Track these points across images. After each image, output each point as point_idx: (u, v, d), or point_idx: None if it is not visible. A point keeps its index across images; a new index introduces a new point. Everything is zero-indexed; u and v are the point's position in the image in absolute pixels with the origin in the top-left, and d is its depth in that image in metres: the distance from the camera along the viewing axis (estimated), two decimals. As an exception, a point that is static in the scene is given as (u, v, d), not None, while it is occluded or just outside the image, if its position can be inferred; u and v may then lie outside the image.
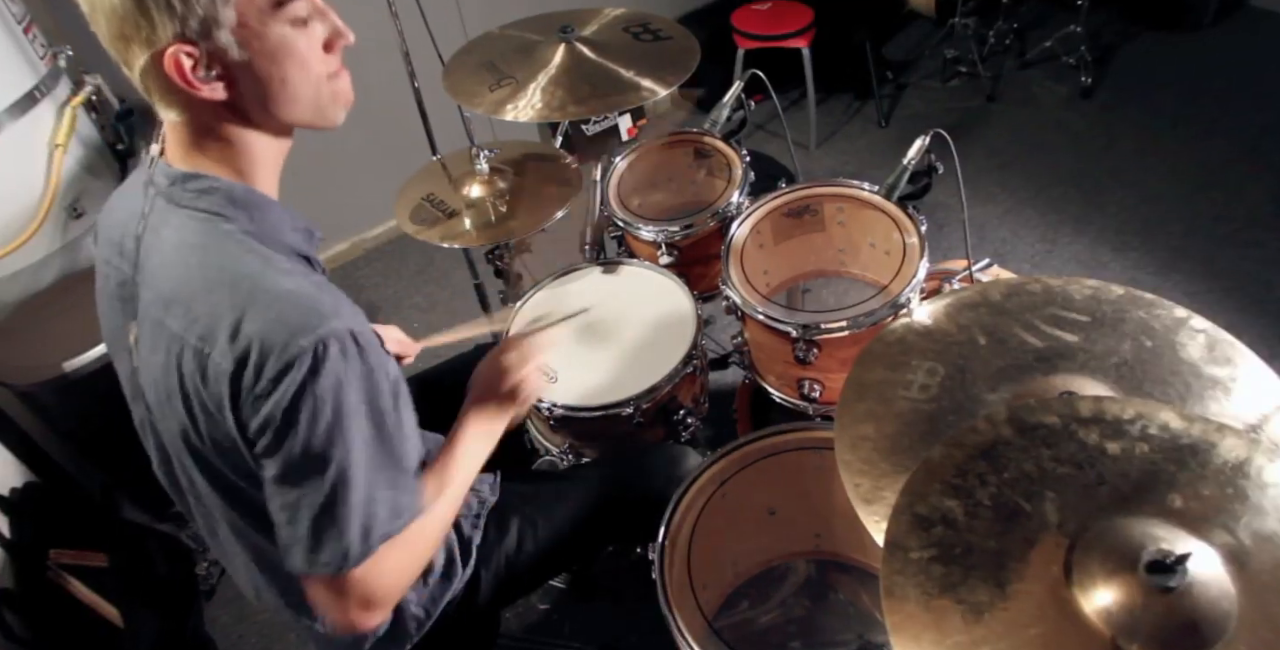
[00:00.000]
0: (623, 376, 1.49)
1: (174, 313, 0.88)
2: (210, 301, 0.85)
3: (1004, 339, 1.15)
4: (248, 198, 0.91)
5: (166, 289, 0.89)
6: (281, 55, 0.88)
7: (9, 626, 1.54)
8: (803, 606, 1.48)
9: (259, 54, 0.86)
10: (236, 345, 0.83)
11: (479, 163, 1.78)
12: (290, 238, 0.95)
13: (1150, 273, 2.55)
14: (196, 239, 0.89)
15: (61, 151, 1.77)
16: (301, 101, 0.91)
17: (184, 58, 0.82)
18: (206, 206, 0.90)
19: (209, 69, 0.85)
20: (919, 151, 1.41)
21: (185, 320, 0.86)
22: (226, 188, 0.90)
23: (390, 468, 0.92)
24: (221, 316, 0.84)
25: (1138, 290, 1.16)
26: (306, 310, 0.84)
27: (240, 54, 0.85)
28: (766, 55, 3.01)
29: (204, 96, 0.85)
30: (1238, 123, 3.00)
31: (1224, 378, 1.06)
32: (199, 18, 0.82)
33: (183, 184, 0.90)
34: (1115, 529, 0.79)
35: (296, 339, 0.82)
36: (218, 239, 0.89)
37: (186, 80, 0.84)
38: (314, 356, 0.82)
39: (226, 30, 0.83)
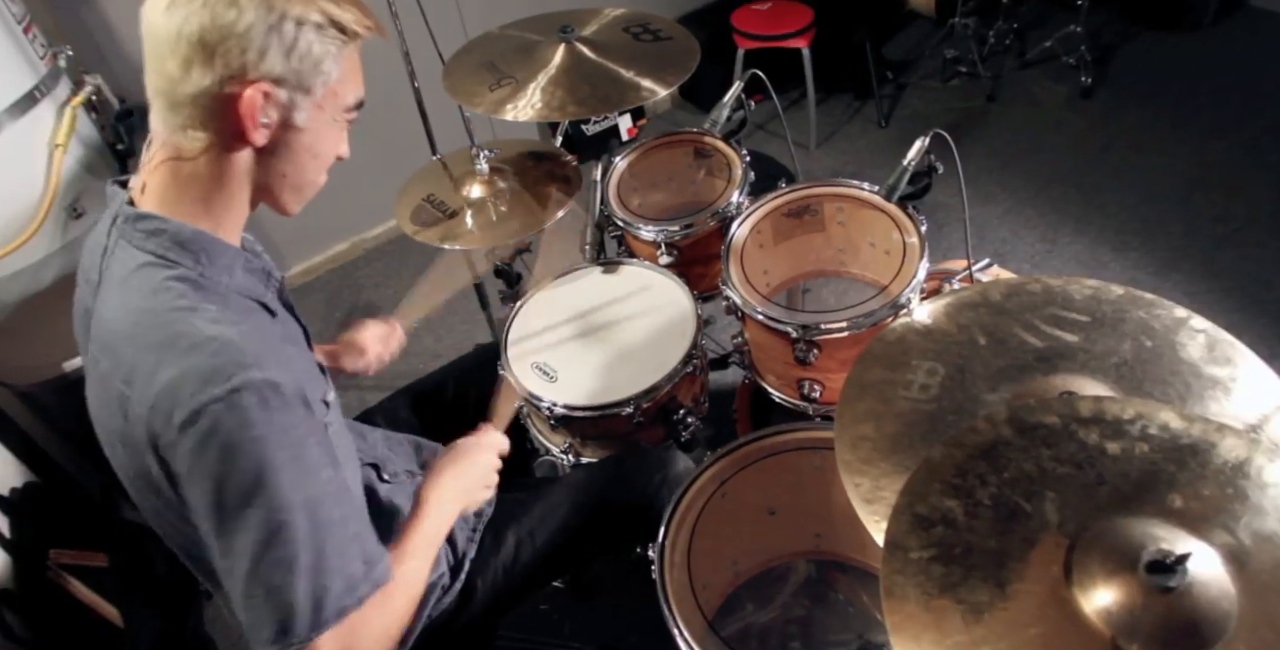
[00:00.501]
0: (623, 376, 1.49)
1: (107, 354, 0.88)
2: (134, 346, 0.84)
3: (1004, 339, 1.15)
4: (196, 241, 0.90)
5: (104, 330, 0.89)
6: (322, 143, 0.95)
7: (9, 626, 1.54)
8: (803, 606, 1.48)
9: (311, 131, 0.92)
10: (149, 391, 0.81)
11: (479, 163, 1.78)
12: (242, 281, 0.93)
13: (1150, 273, 2.55)
14: (135, 283, 0.88)
15: (61, 151, 1.77)
16: (300, 183, 0.97)
17: (262, 97, 0.85)
18: (153, 248, 0.89)
19: (268, 117, 0.87)
20: (919, 151, 1.41)
21: (113, 363, 0.86)
22: (175, 230, 0.89)
23: (335, 535, 0.85)
24: (141, 362, 0.83)
25: (1138, 290, 1.16)
26: (224, 359, 0.81)
27: (302, 123, 0.90)
28: (766, 55, 3.01)
29: (249, 137, 0.87)
30: (1238, 123, 3.00)
31: (1224, 378, 1.06)
32: (303, 76, 0.88)
33: (134, 224, 0.90)
34: (1115, 529, 0.79)
35: (207, 388, 0.79)
36: (152, 285, 0.87)
37: (252, 117, 0.86)
38: (225, 405, 0.78)
39: (311, 98, 0.89)
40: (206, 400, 0.78)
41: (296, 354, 0.98)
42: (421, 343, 2.78)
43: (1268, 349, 1.08)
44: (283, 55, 0.85)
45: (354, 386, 2.62)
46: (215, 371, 0.80)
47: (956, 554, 0.81)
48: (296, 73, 0.87)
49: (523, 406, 1.59)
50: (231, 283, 0.92)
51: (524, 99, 1.62)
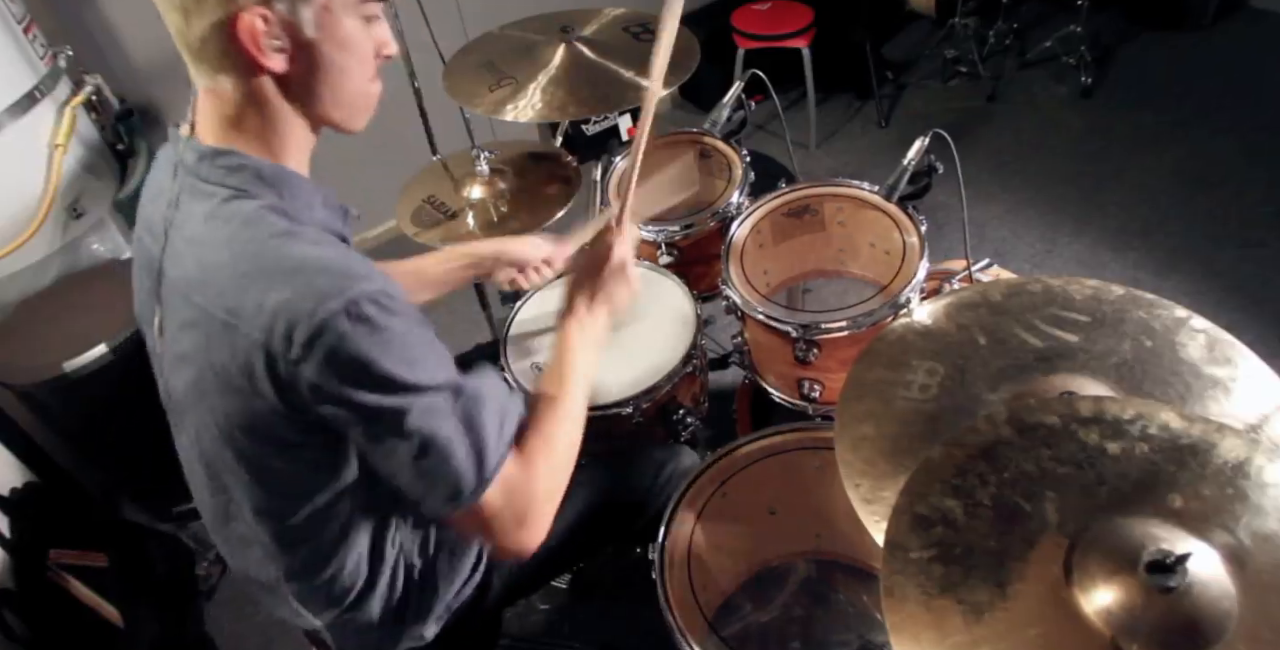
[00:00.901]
0: (623, 376, 1.49)
1: (201, 290, 0.87)
2: (236, 275, 0.84)
3: (1004, 339, 1.15)
4: (277, 175, 0.90)
5: (193, 267, 0.89)
6: (349, 46, 0.89)
7: (9, 626, 1.54)
8: (803, 606, 1.48)
9: (329, 39, 0.87)
10: (263, 315, 0.81)
11: (479, 164, 1.78)
12: (321, 215, 0.94)
13: (1150, 273, 2.55)
14: (222, 216, 0.88)
15: (61, 151, 1.77)
16: (345, 97, 0.92)
17: (259, 21, 0.82)
18: (235, 183, 0.89)
19: (277, 39, 0.84)
20: (919, 152, 1.41)
21: (213, 295, 0.85)
22: (255, 165, 0.89)
23: (477, 399, 0.92)
24: (247, 289, 0.83)
25: (1138, 290, 1.16)
26: (335, 274, 0.83)
27: (314, 33, 0.86)
28: (766, 55, 3.01)
29: (263, 64, 0.85)
30: (1238, 123, 3.00)
31: (1224, 378, 1.06)
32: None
33: (211, 160, 0.89)
34: (1115, 529, 0.79)
35: (325, 303, 0.80)
36: (243, 215, 0.87)
37: (257, 44, 0.83)
38: (347, 316, 0.80)
39: (311, 6, 0.84)
40: (327, 315, 0.80)
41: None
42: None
43: (1268, 349, 1.08)
44: None
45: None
46: (331, 286, 0.81)
47: (957, 554, 0.81)
48: None
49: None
50: (313, 216, 0.92)
51: (524, 99, 1.62)
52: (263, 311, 0.81)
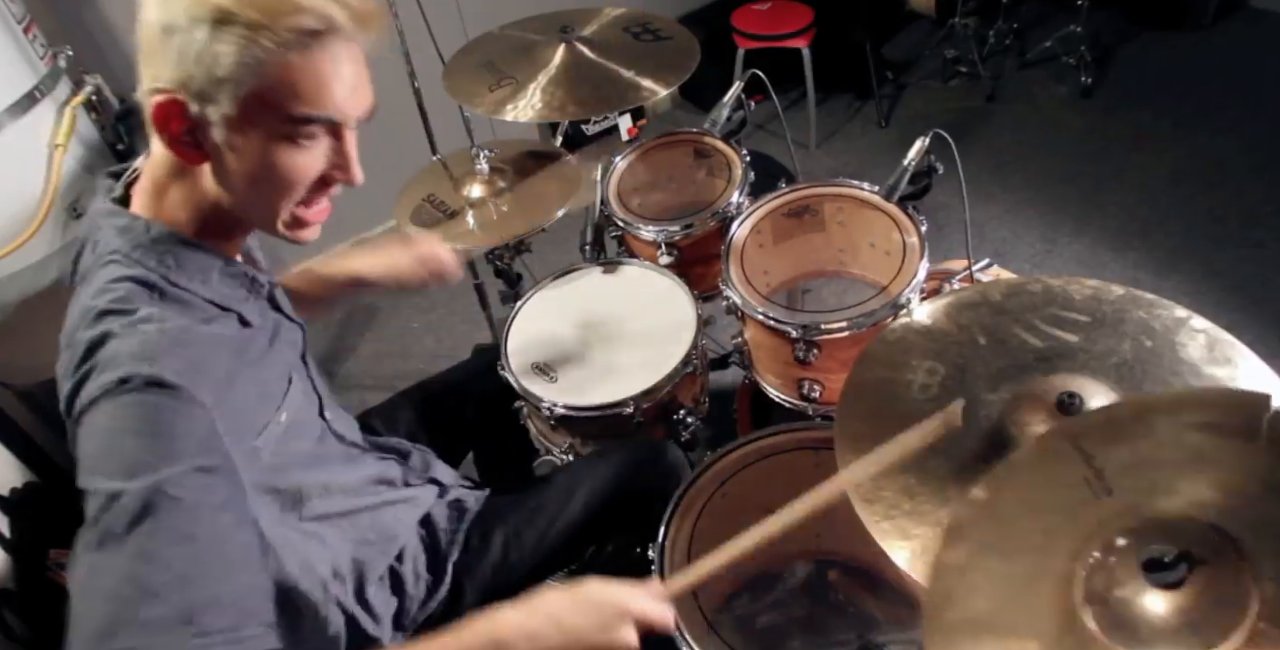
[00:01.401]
0: (623, 376, 1.49)
1: (64, 340, 0.88)
2: (70, 344, 0.84)
3: (1004, 339, 1.15)
4: (166, 242, 0.88)
5: (70, 316, 0.89)
6: (262, 166, 0.83)
7: (9, 626, 1.54)
8: (803, 606, 1.48)
9: (239, 150, 0.82)
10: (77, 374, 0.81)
11: (479, 163, 1.78)
12: (217, 288, 0.91)
13: (1150, 273, 2.55)
14: (92, 279, 0.88)
15: (61, 151, 1.77)
16: (258, 214, 0.89)
17: (172, 109, 0.80)
18: (119, 246, 0.87)
19: (191, 134, 0.82)
20: (919, 152, 1.41)
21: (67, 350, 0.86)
22: (142, 228, 0.87)
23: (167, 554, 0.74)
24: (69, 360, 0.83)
25: (1138, 290, 1.16)
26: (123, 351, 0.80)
27: (223, 139, 0.82)
28: (766, 55, 3.02)
29: (176, 150, 0.84)
30: (1238, 123, 3.00)
31: (1224, 378, 1.06)
32: (202, 84, 0.79)
33: (107, 218, 0.89)
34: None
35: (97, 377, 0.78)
36: (100, 284, 0.86)
37: (163, 130, 0.82)
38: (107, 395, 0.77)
39: (221, 112, 0.80)
40: (95, 387, 0.78)
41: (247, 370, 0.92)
42: (422, 343, 2.79)
43: (1268, 349, 1.08)
44: (177, 59, 0.78)
45: (355, 387, 2.62)
46: (109, 362, 0.79)
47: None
48: (190, 75, 0.78)
49: (522, 407, 1.58)
50: (202, 289, 0.90)
51: (524, 99, 1.62)
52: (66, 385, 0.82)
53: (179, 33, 0.77)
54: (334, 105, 0.83)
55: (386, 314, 2.91)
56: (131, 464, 0.75)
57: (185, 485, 0.76)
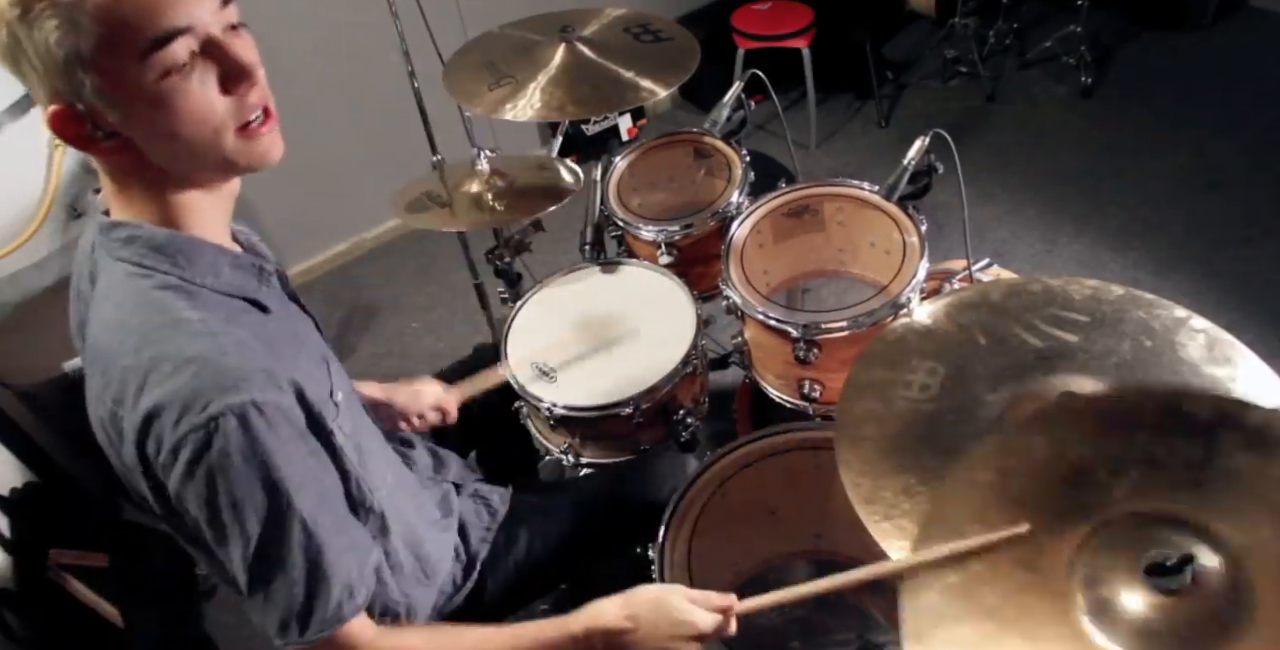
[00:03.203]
0: (623, 376, 1.49)
1: (98, 371, 0.87)
2: (119, 365, 0.83)
3: (1004, 339, 1.15)
4: (171, 243, 0.87)
5: (95, 346, 0.88)
6: (161, 110, 0.79)
7: (9, 626, 1.54)
8: (803, 606, 1.48)
9: (136, 113, 0.79)
10: (136, 415, 0.81)
11: (479, 162, 1.78)
12: (230, 280, 0.91)
13: (1150, 273, 2.55)
14: (116, 295, 0.87)
15: (61, 151, 1.77)
16: (201, 158, 0.84)
17: (65, 116, 0.79)
18: (129, 257, 0.87)
19: (96, 128, 0.80)
20: (919, 151, 1.41)
21: (104, 382, 0.85)
22: (148, 235, 0.87)
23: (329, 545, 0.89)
24: (129, 382, 0.82)
25: (1137, 290, 1.16)
26: (203, 382, 0.80)
27: (116, 115, 0.79)
28: (766, 55, 3.01)
29: (97, 150, 0.83)
30: (1238, 123, 3.00)
31: (1224, 378, 1.06)
32: (63, 79, 0.77)
33: (108, 233, 0.88)
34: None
35: (187, 415, 0.79)
36: (133, 296, 0.86)
37: (75, 141, 0.81)
38: (205, 433, 0.79)
39: (93, 93, 0.77)
40: (187, 429, 0.79)
41: (294, 352, 0.95)
42: (421, 343, 2.79)
43: (1268, 349, 1.08)
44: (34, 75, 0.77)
45: (354, 386, 2.62)
46: (195, 397, 0.79)
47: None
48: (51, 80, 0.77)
49: (522, 407, 1.59)
50: (218, 283, 0.90)
51: (524, 99, 1.62)
52: (137, 411, 0.81)
53: (14, 51, 0.76)
54: (172, 13, 0.76)
55: (386, 314, 2.91)
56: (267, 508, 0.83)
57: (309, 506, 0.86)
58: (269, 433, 0.82)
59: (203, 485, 0.81)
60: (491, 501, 1.33)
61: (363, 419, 1.10)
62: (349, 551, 0.92)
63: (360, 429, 1.03)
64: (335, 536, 0.89)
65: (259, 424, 0.81)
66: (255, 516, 0.83)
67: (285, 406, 0.85)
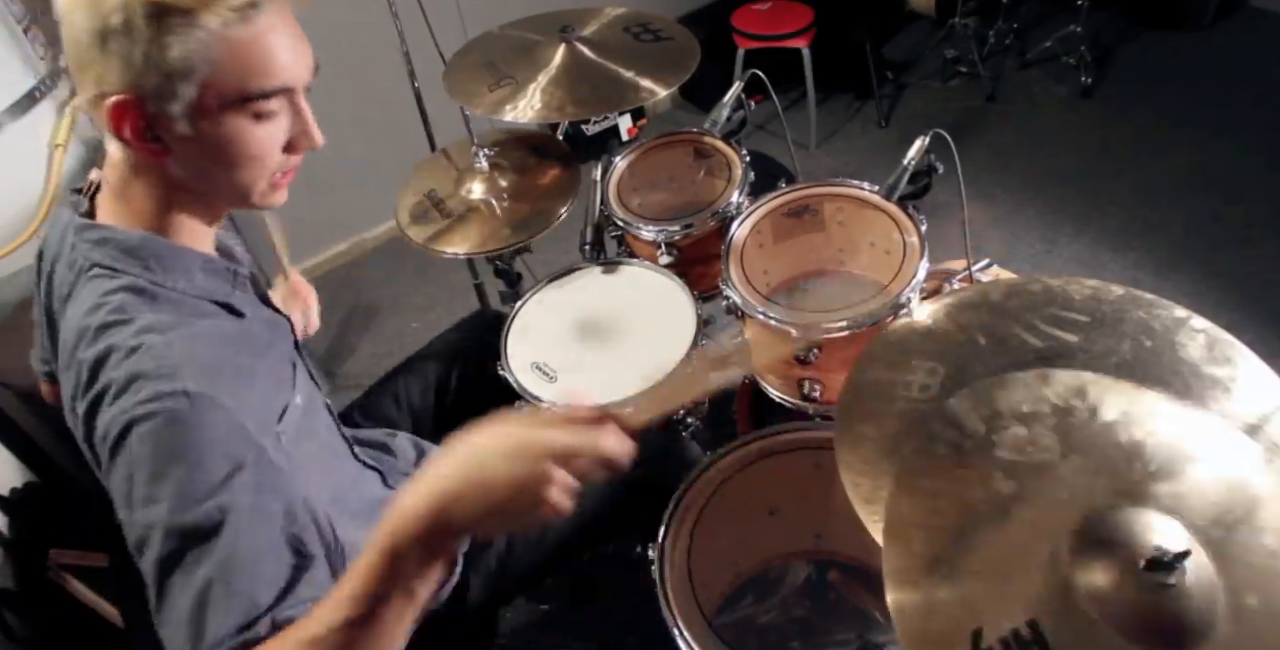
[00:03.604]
0: (623, 376, 1.49)
1: (62, 367, 0.89)
2: (78, 359, 0.85)
3: (1004, 339, 1.15)
4: (144, 247, 0.89)
5: (62, 344, 0.90)
6: (230, 145, 0.84)
7: (9, 626, 1.54)
8: (803, 606, 1.48)
9: (207, 138, 0.83)
10: (86, 400, 0.82)
11: (479, 161, 1.78)
12: (201, 284, 0.92)
13: (1150, 273, 2.55)
14: (82, 296, 0.88)
15: (61, 151, 1.77)
16: (234, 192, 0.90)
17: (129, 110, 0.80)
18: (99, 258, 0.88)
19: (151, 130, 0.82)
20: (919, 151, 1.41)
21: (66, 376, 0.88)
22: (120, 238, 0.89)
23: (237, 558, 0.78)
24: (83, 374, 0.84)
25: (1137, 290, 1.16)
26: (146, 367, 0.80)
27: (187, 131, 0.82)
28: (766, 55, 3.02)
29: (140, 150, 0.84)
30: (1238, 123, 3.00)
31: (1224, 378, 1.06)
32: (156, 81, 0.79)
33: (80, 234, 0.90)
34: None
35: (120, 398, 0.79)
36: (93, 300, 0.87)
37: (132, 132, 0.82)
38: (134, 415, 0.78)
39: (181, 104, 0.80)
40: (118, 410, 0.79)
41: (254, 357, 0.94)
42: (421, 343, 2.78)
43: (1268, 349, 1.08)
44: (122, 63, 0.78)
45: (354, 387, 2.62)
46: (131, 380, 0.80)
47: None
48: (142, 74, 0.79)
49: (523, 407, 1.58)
50: (190, 286, 0.91)
51: (524, 99, 1.62)
52: (86, 398, 0.83)
53: (115, 36, 0.78)
54: (285, 73, 0.84)
55: (386, 314, 2.91)
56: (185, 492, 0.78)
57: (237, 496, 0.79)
58: (197, 424, 0.80)
59: (124, 468, 0.80)
60: None
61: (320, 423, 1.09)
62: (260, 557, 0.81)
63: (306, 434, 0.99)
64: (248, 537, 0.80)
65: (188, 413, 0.79)
66: (167, 503, 0.78)
67: (220, 402, 0.82)
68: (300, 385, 1.01)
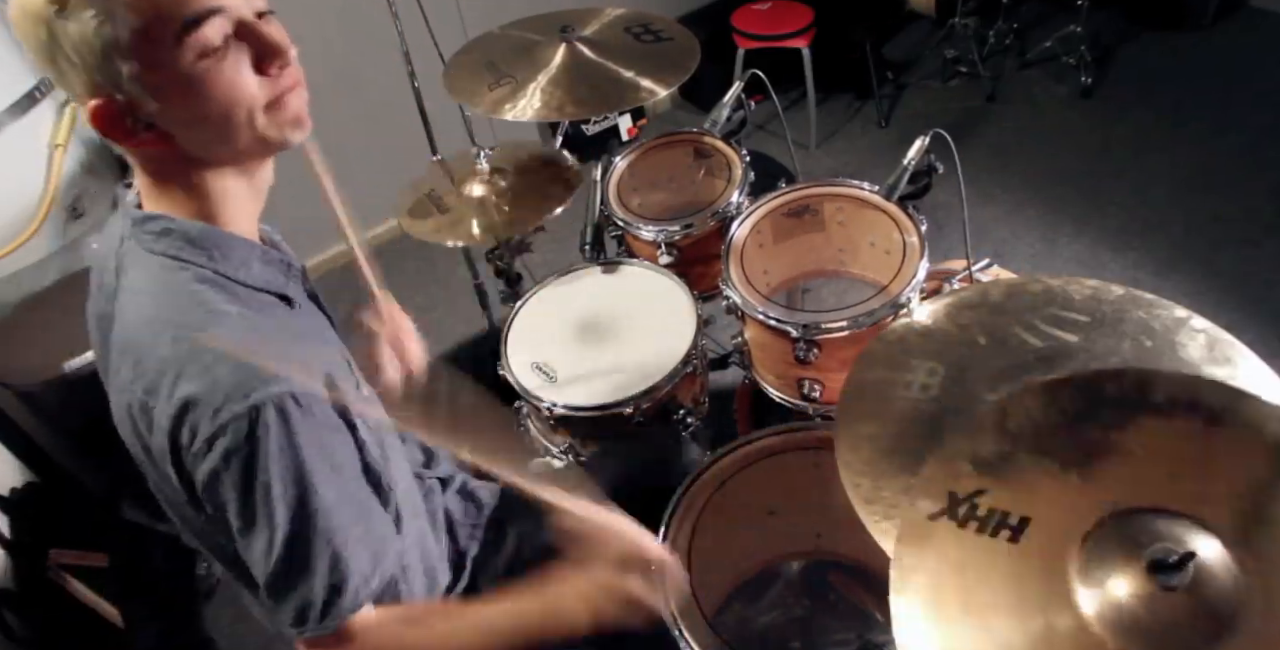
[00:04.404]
0: (623, 376, 1.49)
1: (126, 361, 0.87)
2: (155, 355, 0.83)
3: (1004, 339, 1.15)
4: (205, 236, 0.88)
5: (126, 338, 0.88)
6: (196, 94, 0.80)
7: (9, 626, 1.54)
8: (803, 606, 1.48)
9: (173, 98, 0.80)
10: (173, 402, 0.81)
11: (479, 162, 1.78)
12: (260, 274, 0.92)
13: (1150, 273, 2.55)
14: (151, 287, 0.87)
15: (61, 151, 1.77)
16: (238, 141, 0.85)
17: (103, 110, 0.80)
18: (164, 249, 0.87)
19: (136, 121, 0.81)
20: (919, 151, 1.41)
21: (134, 372, 0.85)
22: (182, 229, 0.88)
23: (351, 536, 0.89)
24: (163, 372, 0.82)
25: (1137, 290, 1.16)
26: (244, 373, 0.81)
27: (154, 102, 0.80)
28: (766, 55, 3.01)
29: (135, 142, 0.83)
30: (1238, 123, 3.00)
31: (1224, 378, 1.06)
32: (104, 70, 0.78)
33: (142, 226, 0.89)
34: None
35: (229, 405, 0.79)
36: (170, 288, 0.86)
37: (114, 134, 0.82)
38: (248, 423, 0.79)
39: (131, 81, 0.79)
40: (228, 417, 0.79)
41: (319, 349, 0.96)
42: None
43: (1268, 349, 1.08)
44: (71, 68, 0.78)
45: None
46: (236, 387, 0.80)
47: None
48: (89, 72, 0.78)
49: (523, 407, 1.58)
50: (249, 277, 0.91)
51: (524, 99, 1.62)
52: (172, 401, 0.81)
53: (52, 47, 0.77)
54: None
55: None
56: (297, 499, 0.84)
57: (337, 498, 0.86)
58: (305, 424, 0.83)
59: (238, 474, 0.81)
60: (479, 497, 1.32)
61: (383, 415, 1.10)
62: (370, 542, 0.92)
63: (381, 424, 1.03)
64: (359, 528, 0.90)
65: (296, 415, 0.82)
66: (285, 507, 0.83)
67: (320, 398, 0.86)
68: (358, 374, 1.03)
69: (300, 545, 0.85)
